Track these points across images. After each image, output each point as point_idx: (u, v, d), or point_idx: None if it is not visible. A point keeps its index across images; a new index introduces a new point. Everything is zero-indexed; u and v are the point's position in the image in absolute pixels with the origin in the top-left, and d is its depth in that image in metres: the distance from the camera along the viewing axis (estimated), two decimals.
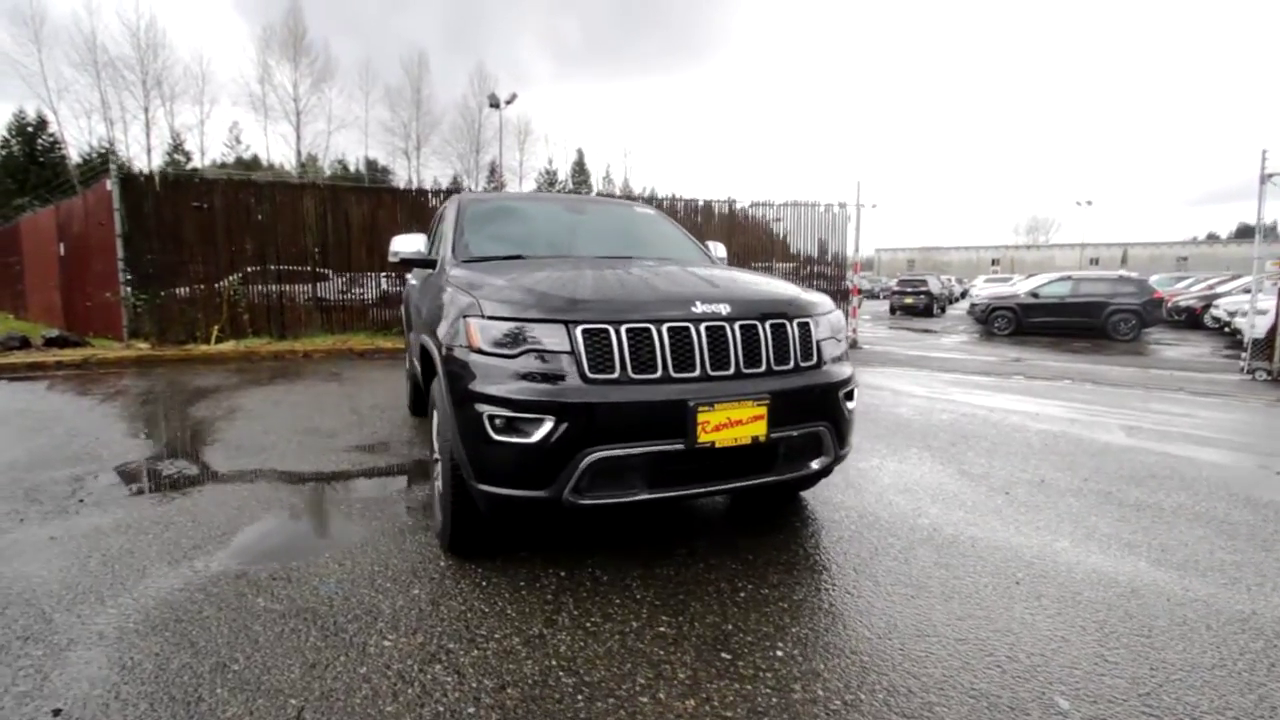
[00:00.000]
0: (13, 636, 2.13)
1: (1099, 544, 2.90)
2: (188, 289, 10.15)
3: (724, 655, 2.03)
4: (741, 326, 2.50)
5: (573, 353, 2.31)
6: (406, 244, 3.63)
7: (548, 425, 2.24)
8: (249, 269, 10.55)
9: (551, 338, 2.33)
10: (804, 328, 2.68)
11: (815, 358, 2.70)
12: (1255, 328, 11.72)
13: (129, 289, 9.68)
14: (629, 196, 12.62)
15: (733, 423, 2.37)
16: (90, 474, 3.87)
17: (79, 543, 2.89)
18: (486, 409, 2.30)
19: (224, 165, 38.14)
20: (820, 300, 2.89)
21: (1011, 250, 54.24)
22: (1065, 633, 2.17)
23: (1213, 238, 57.17)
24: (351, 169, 46.28)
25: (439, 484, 2.89)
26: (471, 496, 2.53)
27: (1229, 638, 2.15)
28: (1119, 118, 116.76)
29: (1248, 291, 16.18)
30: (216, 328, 10.14)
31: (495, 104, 25.17)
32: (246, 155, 41.22)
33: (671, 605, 2.34)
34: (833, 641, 2.11)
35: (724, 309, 2.49)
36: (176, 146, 37.61)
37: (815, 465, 2.71)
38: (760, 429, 2.42)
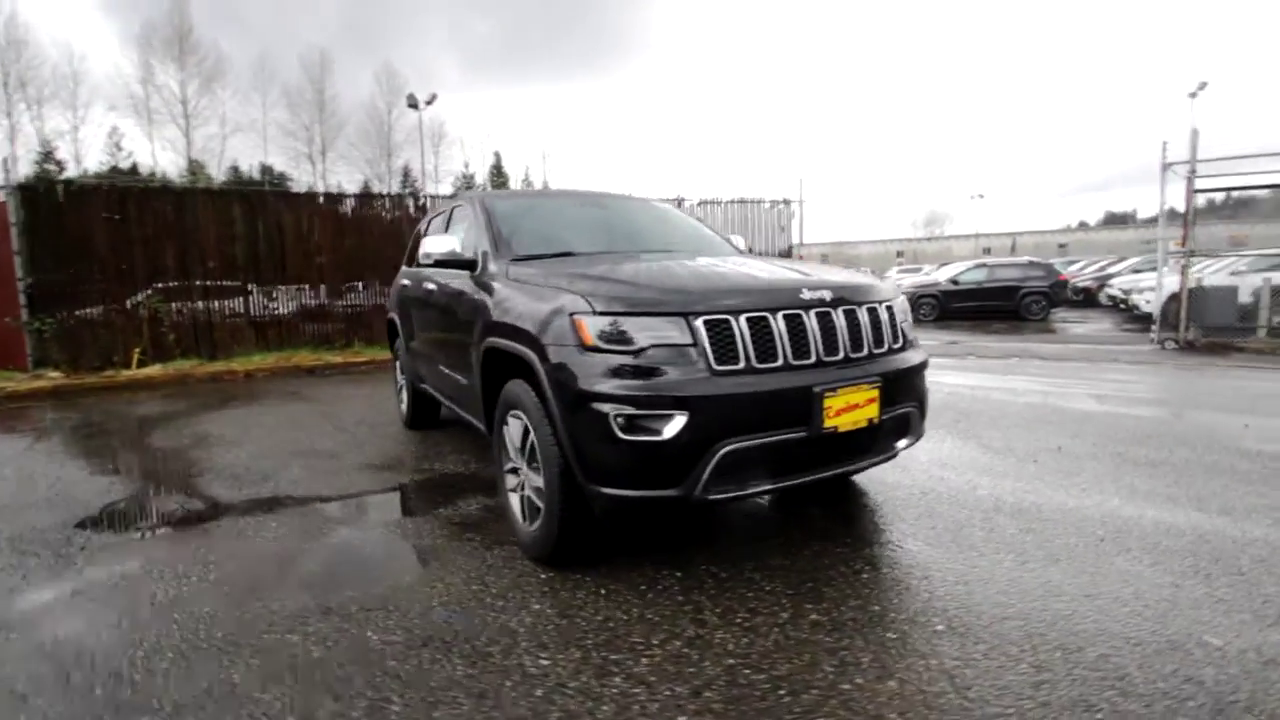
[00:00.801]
0: (101, 708, 1.85)
1: (1145, 499, 3.15)
2: (101, 309, 9.15)
3: (890, 635, 2.05)
4: (845, 312, 2.53)
5: (696, 345, 2.26)
6: (438, 245, 3.43)
7: (680, 421, 2.18)
8: (171, 284, 9.65)
9: (671, 330, 2.27)
10: (890, 311, 2.75)
11: (902, 340, 2.78)
12: (1150, 303, 13.08)
13: (32, 313, 8.62)
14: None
15: (851, 407, 2.40)
16: (75, 519, 3.41)
17: (111, 594, 2.54)
18: (611, 408, 2.20)
19: (100, 175, 34.58)
20: (893, 285, 2.97)
21: (914, 243, 57.97)
22: (1173, 579, 2.34)
23: (1084, 225, 63.35)
24: (245, 175, 43.18)
25: (523, 494, 2.75)
26: (581, 503, 2.43)
27: None
28: (1000, 117, 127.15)
29: (1136, 272, 18.07)
30: (138, 350, 9.19)
31: (414, 105, 24.20)
32: (128, 163, 37.57)
33: (805, 593, 2.34)
34: (983, 610, 2.17)
35: (827, 295, 2.51)
36: (47, 155, 33.75)
37: (901, 445, 2.79)
38: (874, 412, 2.46)
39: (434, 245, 3.44)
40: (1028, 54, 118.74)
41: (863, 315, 2.59)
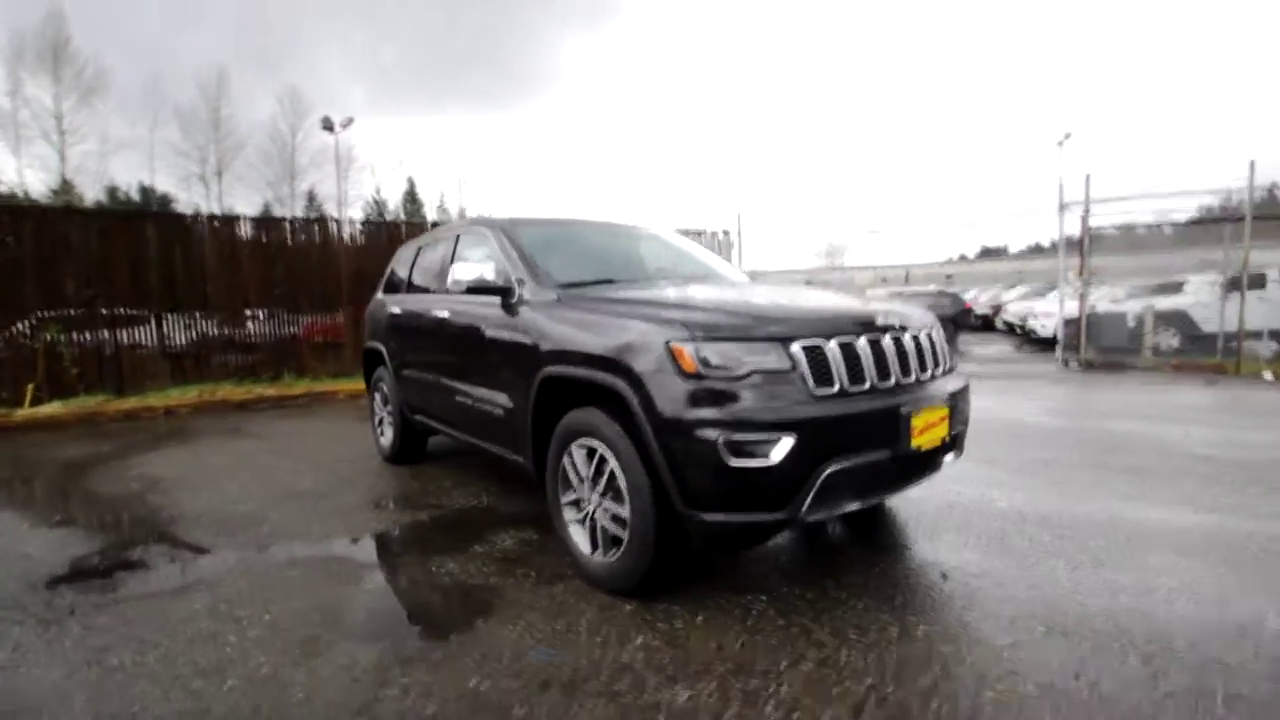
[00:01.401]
0: None
1: (1143, 502, 3.48)
2: None
3: (1002, 641, 2.14)
4: (912, 337, 2.67)
5: (795, 369, 2.31)
6: (467, 272, 3.32)
7: (787, 444, 2.20)
8: (70, 312, 8.65)
9: (770, 356, 2.31)
10: (939, 336, 2.92)
11: (950, 363, 2.95)
12: (1045, 327, 14.44)
13: None
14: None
15: (929, 427, 2.52)
16: (43, 577, 2.96)
17: (136, 663, 2.22)
18: (718, 433, 2.20)
19: None
20: (930, 314, 3.16)
21: (820, 272, 61.41)
22: (1207, 571, 2.60)
23: (964, 258, 69.59)
24: (124, 196, 39.46)
25: (593, 525, 2.67)
26: (676, 531, 2.40)
27: None
28: (893, 158, 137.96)
29: (1025, 299, 19.93)
30: (32, 386, 8.14)
31: (329, 127, 23.13)
32: None
33: (901, 608, 2.40)
34: (1067, 611, 2.31)
35: (897, 320, 2.64)
36: None
37: (947, 460, 2.94)
38: (945, 431, 2.60)
39: (463, 272, 3.32)
40: (915, 100, 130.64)
41: (924, 339, 2.74)
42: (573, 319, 2.81)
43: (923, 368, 2.68)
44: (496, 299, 3.34)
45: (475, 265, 3.36)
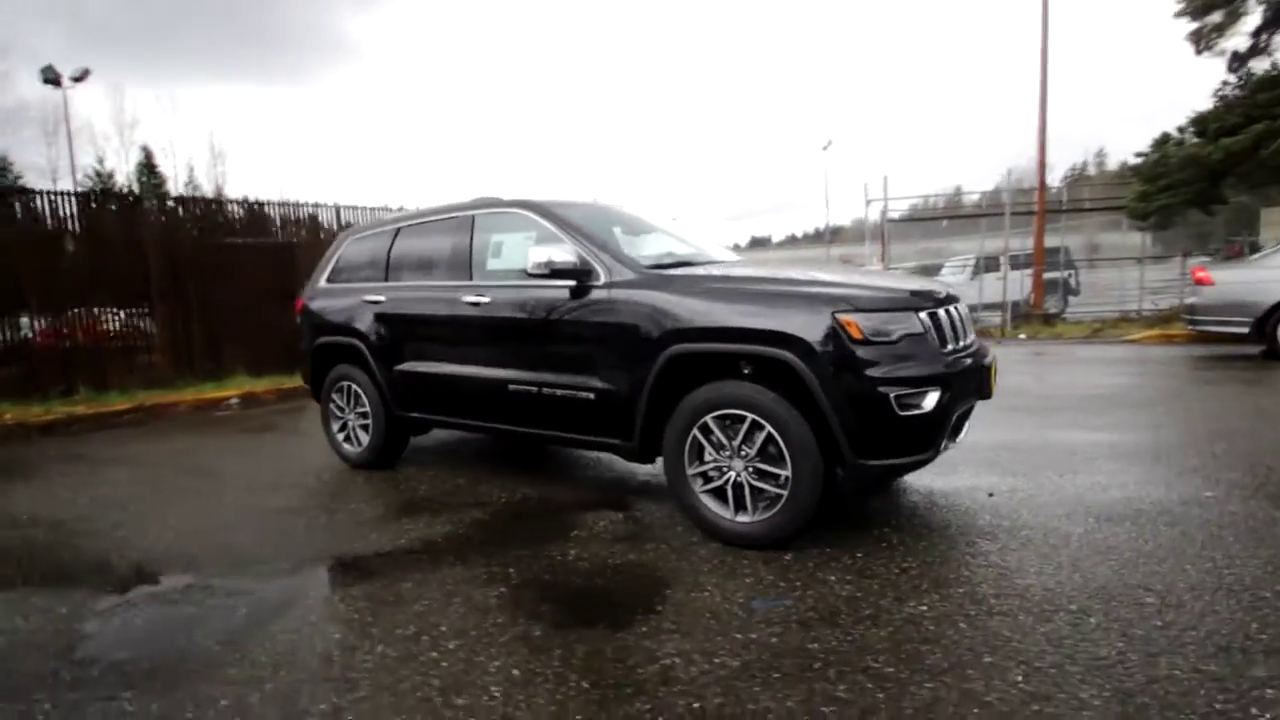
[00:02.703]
0: None
1: (1055, 428, 4.62)
2: None
3: (1077, 530, 2.84)
4: (956, 307, 3.29)
5: (926, 333, 2.78)
6: (541, 254, 3.26)
7: (935, 395, 2.67)
8: None
9: (909, 323, 2.74)
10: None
11: None
12: None
13: None
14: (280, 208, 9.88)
15: (993, 377, 3.18)
16: (53, 654, 2.34)
17: (348, 704, 1.97)
18: (891, 390, 2.60)
19: None
20: None
21: None
22: (1142, 469, 3.63)
23: (737, 246, 78.39)
24: None
25: (736, 489, 2.87)
26: (830, 483, 2.76)
27: (1197, 446, 3.93)
28: (685, 152, 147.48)
29: None
30: None
31: (53, 80, 18.08)
32: None
33: (997, 521, 3.01)
34: (1092, 506, 3.10)
35: (951, 292, 3.26)
36: None
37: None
38: (995, 381, 3.28)
39: (538, 255, 3.25)
40: (696, 97, 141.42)
41: (964, 310, 3.39)
42: (701, 302, 2.95)
43: (968, 333, 3.33)
44: (569, 282, 3.32)
45: (545, 249, 3.29)
